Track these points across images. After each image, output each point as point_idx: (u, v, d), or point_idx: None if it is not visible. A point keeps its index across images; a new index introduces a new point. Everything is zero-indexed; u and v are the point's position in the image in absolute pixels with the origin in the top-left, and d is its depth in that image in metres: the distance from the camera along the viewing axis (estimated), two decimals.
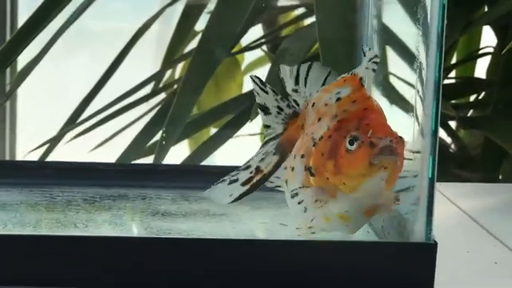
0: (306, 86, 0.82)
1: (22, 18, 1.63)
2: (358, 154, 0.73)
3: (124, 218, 0.89)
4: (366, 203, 0.76)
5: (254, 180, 0.84)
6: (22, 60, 1.35)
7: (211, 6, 1.52)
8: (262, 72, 1.56)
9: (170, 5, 1.41)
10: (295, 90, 0.83)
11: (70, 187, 0.96)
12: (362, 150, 0.73)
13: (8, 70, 1.53)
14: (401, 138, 0.74)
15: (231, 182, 0.84)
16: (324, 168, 0.75)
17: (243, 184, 0.84)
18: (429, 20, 0.78)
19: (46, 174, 0.98)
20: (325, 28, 1.11)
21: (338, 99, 0.77)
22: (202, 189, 0.97)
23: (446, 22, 0.77)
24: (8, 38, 1.62)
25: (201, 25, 1.55)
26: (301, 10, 1.51)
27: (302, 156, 0.78)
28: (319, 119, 0.78)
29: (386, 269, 0.77)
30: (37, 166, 1.01)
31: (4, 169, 1.01)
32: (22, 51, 1.22)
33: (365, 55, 0.78)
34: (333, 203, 0.77)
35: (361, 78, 0.77)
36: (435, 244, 0.77)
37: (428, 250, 0.77)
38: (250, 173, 0.84)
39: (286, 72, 0.83)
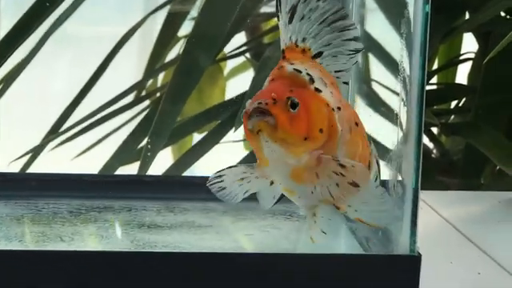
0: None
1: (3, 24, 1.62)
2: (244, 126, 0.74)
3: (110, 230, 0.89)
4: (282, 170, 0.76)
5: None
6: (3, 68, 1.35)
7: (194, 13, 1.53)
8: (245, 78, 1.57)
9: (156, 10, 1.41)
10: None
11: (55, 199, 0.96)
12: (244, 121, 0.74)
13: None
14: (288, 99, 0.72)
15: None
16: None
17: None
18: (412, 28, 0.79)
19: (30, 186, 0.98)
20: None
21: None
22: (187, 200, 0.98)
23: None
24: None
25: (183, 31, 1.56)
26: None
27: None
28: None
29: (371, 281, 0.78)
30: (21, 178, 1.02)
31: None
32: (1, 64, 1.22)
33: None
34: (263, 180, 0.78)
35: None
36: (419, 256, 0.78)
37: (412, 263, 0.78)
38: None
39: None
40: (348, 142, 0.76)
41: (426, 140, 1.54)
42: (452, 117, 1.60)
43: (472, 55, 1.60)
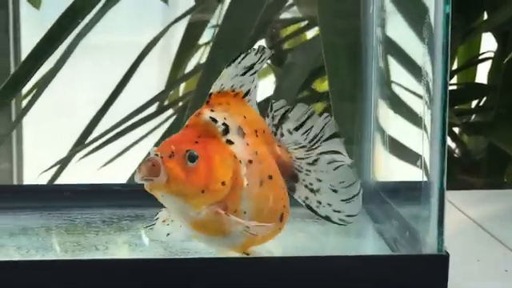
0: None
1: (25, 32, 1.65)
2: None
3: (143, 238, 0.91)
4: (184, 220, 0.77)
5: None
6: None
7: (214, 21, 1.55)
8: (265, 83, 1.59)
9: (179, 19, 1.43)
10: None
11: (87, 209, 0.98)
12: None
13: None
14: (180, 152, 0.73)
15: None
16: None
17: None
18: (433, 31, 0.80)
19: (63, 197, 1.00)
20: (329, 39, 1.14)
21: None
22: None
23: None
24: (12, 64, 1.63)
25: (204, 39, 1.58)
26: (299, 22, 1.54)
27: None
28: None
29: (400, 281, 0.79)
30: (54, 189, 1.04)
31: (22, 193, 1.03)
32: (25, 83, 1.25)
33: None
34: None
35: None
36: (447, 255, 0.79)
37: (440, 262, 0.79)
38: None
39: None
40: (255, 197, 0.77)
41: (448, 140, 1.55)
42: (473, 116, 1.61)
43: (491, 54, 1.61)
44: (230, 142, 0.76)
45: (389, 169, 1.01)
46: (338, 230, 0.95)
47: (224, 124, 0.76)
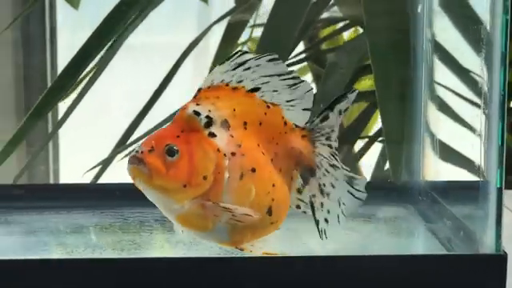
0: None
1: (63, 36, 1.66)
2: None
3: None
4: (169, 215, 0.78)
5: None
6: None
7: (253, 21, 1.55)
8: None
9: (222, 18, 1.43)
10: None
11: (139, 208, 0.99)
12: None
13: None
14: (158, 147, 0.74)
15: None
16: None
17: None
18: (490, 37, 0.80)
19: (114, 196, 1.01)
20: (375, 38, 1.13)
21: None
22: None
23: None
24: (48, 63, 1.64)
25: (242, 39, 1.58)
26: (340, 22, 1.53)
27: None
28: None
29: (457, 281, 0.79)
30: (105, 188, 1.04)
31: (73, 191, 1.04)
32: (63, 96, 1.26)
33: None
34: None
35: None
36: (505, 255, 0.79)
37: (498, 262, 0.79)
38: None
39: None
40: (236, 190, 0.77)
41: None
42: None
43: None
44: (212, 135, 0.77)
45: (439, 168, 1.01)
46: (389, 229, 0.96)
47: (207, 117, 0.76)
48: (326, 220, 0.82)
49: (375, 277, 0.79)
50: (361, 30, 1.59)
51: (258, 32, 1.58)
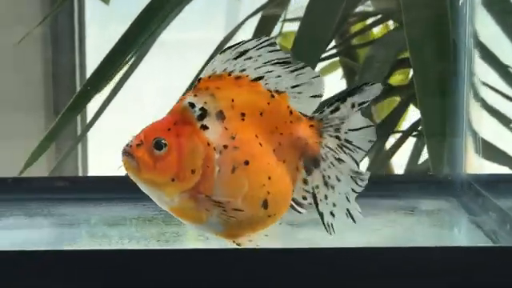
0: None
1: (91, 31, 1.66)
2: None
3: None
4: (163, 207, 0.79)
5: None
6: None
7: (286, 15, 1.55)
8: (334, 77, 1.59)
9: (254, 14, 1.43)
10: None
11: None
12: None
13: None
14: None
15: None
16: None
17: None
18: None
19: None
20: (413, 32, 1.13)
21: None
22: None
23: None
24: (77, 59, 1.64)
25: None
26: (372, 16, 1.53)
27: None
28: None
29: (503, 274, 0.79)
30: None
31: (115, 184, 1.04)
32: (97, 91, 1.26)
33: None
34: None
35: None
36: None
37: None
38: None
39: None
40: (227, 183, 0.77)
41: None
42: None
43: None
44: (204, 128, 0.76)
45: (482, 162, 1.01)
46: (432, 222, 0.95)
47: (201, 109, 0.76)
48: (332, 213, 0.82)
49: (420, 268, 0.79)
50: (391, 25, 1.60)
51: (288, 27, 1.59)
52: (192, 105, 0.76)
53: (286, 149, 0.80)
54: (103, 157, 1.56)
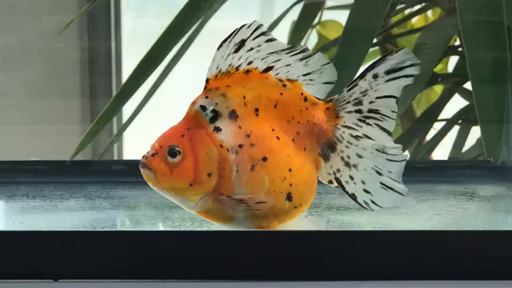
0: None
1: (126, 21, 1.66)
2: None
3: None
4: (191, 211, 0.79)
5: None
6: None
7: (330, 3, 1.54)
8: None
9: (298, 2, 1.43)
10: None
11: None
12: None
13: None
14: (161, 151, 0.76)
15: None
16: None
17: None
18: None
19: None
20: (467, 18, 1.12)
21: None
22: None
23: None
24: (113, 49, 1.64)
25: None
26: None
27: None
28: None
29: None
30: None
31: None
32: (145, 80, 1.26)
33: None
34: None
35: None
36: None
37: None
38: None
39: None
40: (247, 182, 0.77)
41: None
42: None
43: None
44: (217, 130, 0.77)
45: None
46: (494, 207, 0.95)
47: (213, 111, 0.77)
48: (366, 191, 0.80)
49: (486, 252, 0.78)
50: (430, 15, 1.59)
51: (326, 15, 1.58)
52: (203, 107, 0.77)
53: (305, 137, 0.79)
54: (137, 141, 1.57)
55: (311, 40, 1.61)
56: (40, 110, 1.56)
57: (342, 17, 1.62)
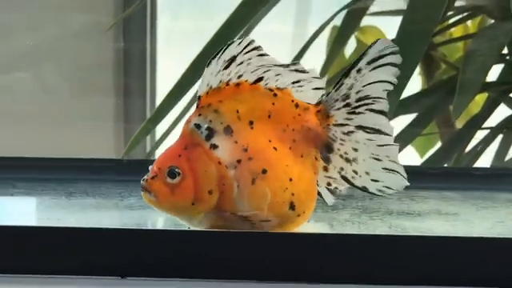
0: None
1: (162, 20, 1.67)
2: None
3: (362, 217, 0.91)
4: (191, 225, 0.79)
5: None
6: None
7: (373, 8, 1.54)
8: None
9: (344, 8, 1.43)
10: None
11: None
12: None
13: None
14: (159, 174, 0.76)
15: None
16: None
17: None
18: None
19: None
20: None
21: None
22: (423, 189, 1.00)
23: None
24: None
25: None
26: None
27: None
28: None
29: None
30: None
31: None
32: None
33: None
34: None
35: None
36: None
37: None
38: None
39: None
40: (249, 196, 0.77)
41: None
42: None
43: None
44: (214, 147, 0.77)
45: None
46: None
47: (208, 128, 0.77)
48: (374, 180, 0.81)
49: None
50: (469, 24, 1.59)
51: (366, 21, 1.58)
52: (198, 126, 0.77)
53: (301, 143, 0.79)
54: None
55: (349, 45, 1.61)
56: (75, 107, 1.57)
57: (381, 23, 1.63)
